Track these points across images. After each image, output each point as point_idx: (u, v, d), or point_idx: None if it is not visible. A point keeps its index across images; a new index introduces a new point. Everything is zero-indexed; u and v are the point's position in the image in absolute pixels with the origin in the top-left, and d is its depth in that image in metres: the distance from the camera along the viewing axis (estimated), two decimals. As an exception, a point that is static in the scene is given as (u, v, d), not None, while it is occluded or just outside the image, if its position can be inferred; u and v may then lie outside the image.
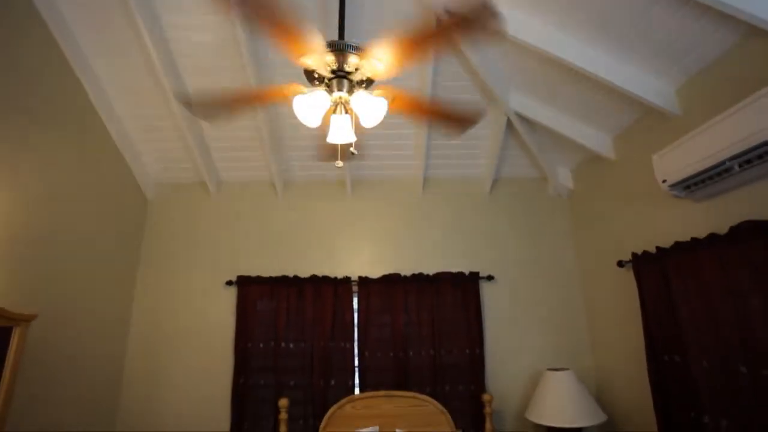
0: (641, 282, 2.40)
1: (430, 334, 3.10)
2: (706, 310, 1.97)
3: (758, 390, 1.71)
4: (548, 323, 3.23)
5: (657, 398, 2.27)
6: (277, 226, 3.41)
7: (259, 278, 3.20)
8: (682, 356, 2.13)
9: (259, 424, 2.96)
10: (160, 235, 3.38)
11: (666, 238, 2.25)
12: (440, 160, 3.36)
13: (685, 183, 1.93)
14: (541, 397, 2.73)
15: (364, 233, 3.40)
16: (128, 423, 3.01)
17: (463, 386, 3.04)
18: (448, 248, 3.36)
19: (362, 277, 3.21)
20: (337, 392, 3.01)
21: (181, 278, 3.28)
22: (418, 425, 2.85)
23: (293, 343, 3.09)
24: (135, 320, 3.20)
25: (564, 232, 3.42)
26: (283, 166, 3.37)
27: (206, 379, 3.09)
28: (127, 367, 3.11)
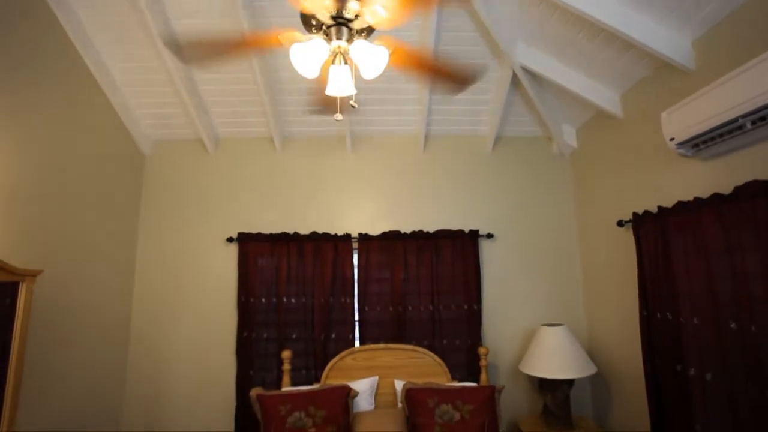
0: (640, 241, 2.41)
1: (428, 290, 3.15)
2: (703, 269, 1.99)
3: (745, 345, 1.77)
4: (545, 281, 3.29)
5: (646, 352, 2.35)
6: (277, 182, 3.38)
7: (260, 235, 3.21)
8: (674, 313, 2.18)
9: (263, 375, 3.08)
10: (159, 193, 3.35)
11: (668, 198, 2.23)
12: (442, 116, 3.28)
13: (694, 141, 1.88)
14: (534, 351, 2.83)
15: (364, 190, 3.38)
16: (138, 375, 3.13)
17: (460, 340, 3.14)
18: (449, 206, 3.36)
19: (362, 234, 3.23)
20: (338, 345, 3.11)
21: (182, 235, 3.30)
22: (416, 376, 2.97)
23: (294, 298, 3.15)
24: (139, 276, 3.25)
25: (565, 191, 3.40)
26: (282, 121, 3.29)
27: (211, 333, 3.18)
28: (134, 320, 3.19)
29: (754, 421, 1.75)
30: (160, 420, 3.08)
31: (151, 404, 3.10)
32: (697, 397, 2.05)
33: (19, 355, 2.07)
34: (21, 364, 2.08)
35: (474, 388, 2.68)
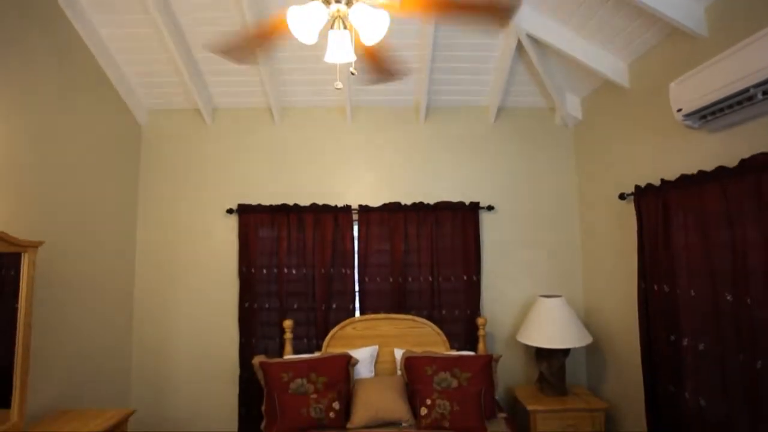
0: (641, 214, 2.41)
1: (428, 261, 3.17)
2: (702, 243, 1.99)
3: (739, 317, 1.79)
4: (545, 253, 3.31)
5: (642, 323, 2.39)
6: (276, 154, 3.34)
7: (260, 206, 3.20)
8: (671, 285, 2.21)
9: (265, 343, 3.15)
10: (157, 164, 3.32)
11: (671, 171, 2.21)
12: (444, 87, 3.20)
13: (702, 112, 1.84)
14: (532, 321, 2.88)
15: (364, 161, 3.35)
16: (144, 345, 3.20)
17: (458, 310, 3.19)
18: (450, 178, 3.33)
19: (362, 206, 3.22)
20: (338, 315, 3.16)
21: (182, 206, 3.29)
22: (415, 345, 3.03)
23: (295, 269, 3.18)
24: (140, 248, 3.26)
25: (567, 164, 3.37)
26: (280, 91, 3.21)
27: (213, 303, 3.22)
28: (137, 292, 3.23)
29: (742, 389, 1.79)
30: (168, 387, 3.18)
31: (158, 372, 3.18)
32: (689, 365, 2.10)
33: (26, 325, 2.10)
34: (28, 335, 2.11)
35: (472, 357, 2.74)
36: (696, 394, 2.05)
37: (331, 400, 2.51)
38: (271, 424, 2.56)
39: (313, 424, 2.45)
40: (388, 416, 2.52)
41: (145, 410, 3.12)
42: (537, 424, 2.67)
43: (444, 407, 2.46)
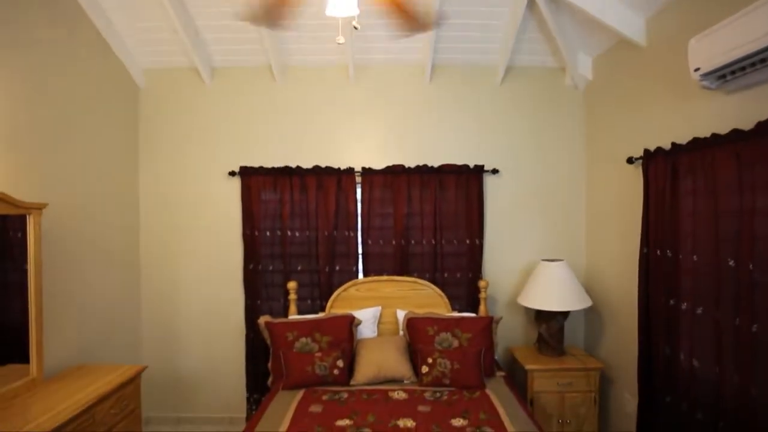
0: (649, 179, 2.37)
1: (431, 224, 3.18)
2: (709, 208, 1.97)
3: (740, 282, 1.80)
4: (548, 217, 3.30)
5: (642, 287, 2.42)
6: (277, 114, 3.27)
7: (262, 168, 3.18)
8: (673, 251, 2.21)
9: (270, 304, 3.22)
10: (156, 125, 3.27)
11: (683, 135, 2.15)
12: (450, 44, 3.07)
13: (721, 71, 1.76)
14: (533, 285, 2.91)
15: (367, 123, 3.28)
16: (152, 306, 3.28)
17: (461, 273, 3.23)
18: (454, 140, 3.27)
19: (365, 168, 3.19)
20: (342, 277, 3.21)
21: (183, 169, 3.27)
22: (418, 306, 3.09)
23: (299, 232, 3.20)
24: (143, 210, 3.27)
25: (575, 126, 3.29)
26: (281, 49, 3.10)
27: (218, 265, 3.27)
28: (143, 254, 3.27)
29: (735, 352, 1.83)
30: (177, 346, 3.29)
31: (167, 332, 3.29)
32: (685, 329, 2.14)
33: (37, 284, 2.15)
34: (39, 294, 2.17)
35: (472, 318, 2.80)
36: (690, 356, 2.10)
37: (335, 359, 2.60)
38: (278, 380, 2.67)
39: (317, 380, 2.55)
40: (390, 374, 2.62)
41: (156, 367, 3.25)
42: (534, 383, 2.76)
43: (444, 366, 2.54)
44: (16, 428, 1.73)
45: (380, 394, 2.45)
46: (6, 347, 2.07)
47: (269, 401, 2.40)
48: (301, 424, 2.11)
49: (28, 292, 2.13)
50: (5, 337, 2.07)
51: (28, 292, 2.13)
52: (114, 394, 2.18)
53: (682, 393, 2.15)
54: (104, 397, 2.10)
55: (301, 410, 2.26)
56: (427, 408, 2.28)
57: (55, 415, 1.85)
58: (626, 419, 2.73)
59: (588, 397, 2.76)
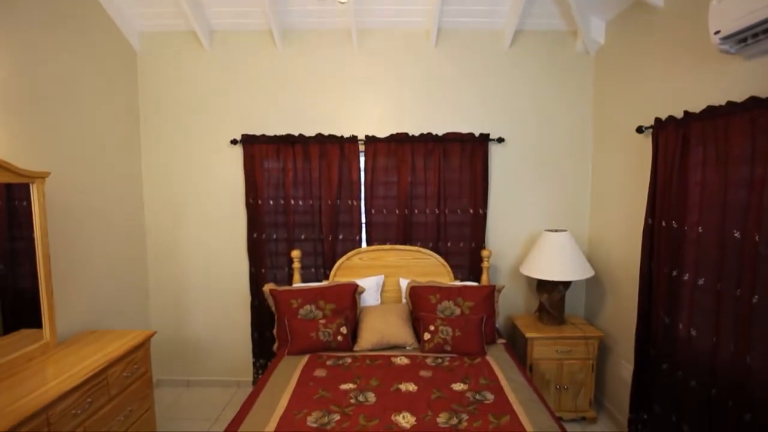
0: (658, 148, 2.32)
1: (435, 193, 3.16)
2: (719, 179, 1.94)
3: (744, 253, 1.79)
4: (553, 187, 3.26)
5: (645, 258, 2.42)
6: (279, 81, 3.19)
7: (264, 137, 3.14)
8: (679, 222, 2.19)
9: (275, 272, 3.26)
10: (156, 93, 3.21)
11: (697, 103, 2.08)
12: (457, 7, 2.94)
13: (743, 34, 1.67)
14: (536, 254, 2.92)
15: (370, 89, 3.20)
16: (159, 274, 3.33)
17: (464, 243, 3.24)
18: (459, 107, 3.19)
19: (369, 136, 3.14)
20: (345, 246, 3.23)
21: (184, 137, 3.23)
22: (420, 275, 3.13)
23: (302, 201, 3.19)
24: (146, 178, 3.26)
25: (585, 94, 3.19)
26: (281, 11, 2.98)
27: (222, 233, 3.29)
28: (148, 222, 3.29)
29: (734, 322, 1.85)
30: (185, 313, 3.36)
31: (174, 299, 3.35)
32: (685, 299, 2.15)
33: (44, 254, 2.18)
34: (47, 261, 2.20)
35: (475, 287, 2.83)
36: (688, 325, 2.13)
37: (339, 325, 2.65)
38: (283, 345, 2.75)
39: (321, 346, 2.61)
40: (393, 340, 2.68)
41: (165, 333, 3.34)
42: (534, 350, 2.82)
43: (446, 333, 2.59)
44: (34, 389, 1.80)
45: (383, 359, 2.52)
46: (18, 314, 2.12)
47: (275, 366, 2.48)
48: (306, 388, 2.18)
49: (36, 260, 2.16)
50: (17, 304, 2.13)
51: (36, 260, 2.16)
52: (125, 358, 2.25)
53: (678, 361, 2.19)
54: (116, 361, 2.17)
55: (306, 374, 2.34)
56: (428, 373, 2.34)
57: (70, 376, 1.93)
58: (622, 385, 2.80)
59: (586, 365, 2.83)
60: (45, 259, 2.19)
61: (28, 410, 1.64)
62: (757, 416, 1.74)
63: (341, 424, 1.86)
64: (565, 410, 2.86)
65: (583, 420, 2.90)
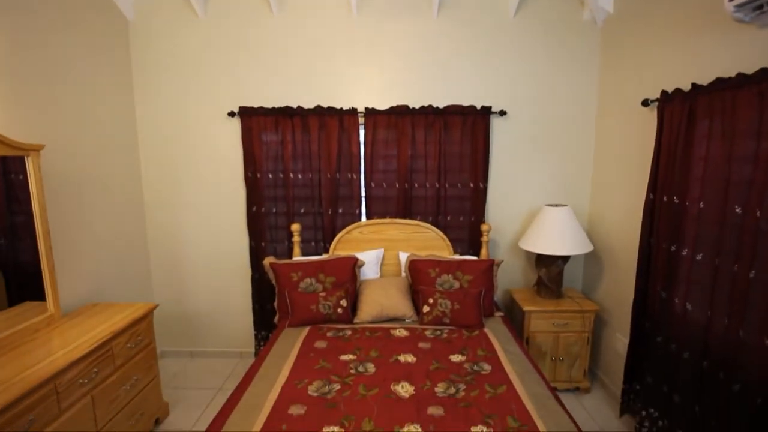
0: (663, 122, 2.28)
1: (435, 167, 3.13)
2: (723, 154, 1.91)
3: (744, 228, 1.79)
4: (555, 162, 3.23)
5: (644, 233, 2.42)
6: (276, 51, 3.10)
7: (262, 109, 3.08)
8: (680, 197, 2.18)
9: (275, 246, 3.28)
10: (150, 64, 3.12)
11: (706, 74, 2.03)
12: (462, -30, 2.83)
13: (759, 0, 1.61)
14: (535, 229, 2.92)
15: (370, 60, 3.11)
16: (159, 248, 3.34)
17: (464, 217, 3.23)
18: (461, 79, 3.12)
19: (369, 109, 3.08)
20: (345, 219, 3.23)
21: (180, 110, 3.17)
22: (420, 249, 3.14)
23: (301, 174, 3.17)
24: (143, 152, 3.22)
25: (590, 66, 3.11)
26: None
27: (222, 207, 3.28)
28: (146, 196, 3.28)
29: (730, 297, 1.87)
30: (186, 287, 3.40)
31: (175, 273, 3.38)
32: (683, 274, 2.17)
33: (44, 227, 2.18)
34: (47, 234, 2.20)
35: (474, 261, 2.85)
36: (684, 299, 2.15)
37: (339, 298, 2.68)
38: (284, 318, 2.79)
39: (322, 318, 2.66)
40: (392, 313, 2.72)
41: (167, 306, 3.40)
42: (531, 323, 2.87)
43: (445, 306, 2.63)
44: (42, 359, 1.84)
45: (382, 331, 2.56)
46: (22, 286, 2.15)
47: (276, 337, 2.53)
48: (307, 359, 2.23)
49: (35, 236, 2.16)
50: (20, 278, 2.14)
51: (36, 233, 2.17)
52: (128, 329, 2.29)
53: (672, 334, 2.23)
54: (120, 332, 2.21)
55: (306, 346, 2.38)
56: (427, 345, 2.39)
57: (76, 347, 1.96)
58: (616, 358, 2.86)
59: (582, 337, 2.88)
60: (44, 232, 2.19)
61: (36, 379, 1.68)
62: (746, 387, 1.79)
63: (341, 393, 1.91)
64: (559, 381, 2.93)
65: (577, 390, 2.98)
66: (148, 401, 2.47)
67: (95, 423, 2.02)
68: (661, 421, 2.28)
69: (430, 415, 1.75)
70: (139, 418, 2.37)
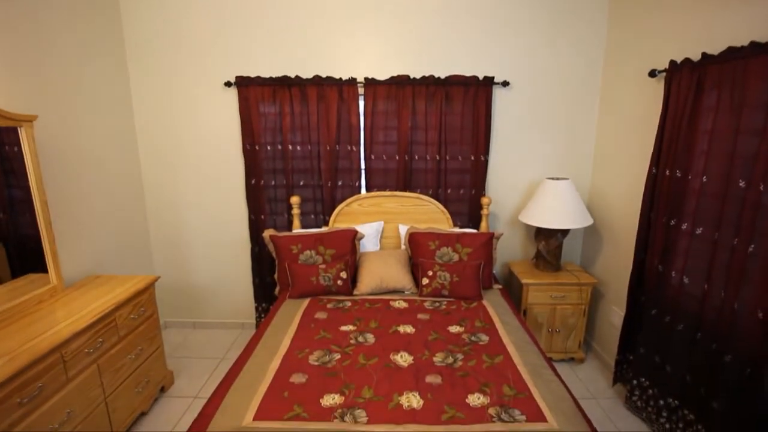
0: (670, 94, 2.23)
1: (436, 139, 3.08)
2: (730, 126, 1.88)
3: (746, 202, 1.78)
4: (557, 135, 3.18)
5: (645, 207, 2.41)
6: (272, 17, 2.99)
7: (259, 78, 3.01)
8: (683, 171, 2.16)
9: (274, 219, 3.27)
10: (143, 32, 3.01)
11: (716, 44, 1.96)
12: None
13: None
14: (536, 202, 2.91)
15: (370, 28, 3.01)
16: (158, 222, 3.33)
17: (464, 190, 3.21)
18: (463, 48, 3.03)
19: (369, 79, 3.01)
20: (344, 192, 3.21)
21: (177, 78, 3.09)
22: (420, 222, 3.14)
23: (300, 146, 3.13)
24: (139, 123, 3.16)
25: (597, 36, 3.01)
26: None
27: (221, 180, 3.25)
28: (144, 168, 3.24)
29: (727, 270, 1.88)
30: (187, 259, 3.41)
31: (175, 245, 3.38)
32: (681, 248, 2.18)
33: (41, 200, 2.17)
34: (46, 208, 2.19)
35: (473, 234, 2.85)
36: (681, 273, 2.17)
37: (339, 270, 2.71)
38: (284, 289, 2.82)
39: (322, 290, 2.69)
40: (392, 285, 2.75)
41: (168, 278, 3.43)
42: (529, 296, 2.90)
43: (444, 278, 2.65)
44: (47, 329, 1.87)
45: (382, 303, 2.60)
46: (24, 259, 2.15)
47: (277, 309, 2.56)
48: (308, 330, 2.27)
49: (34, 208, 2.16)
50: (22, 250, 2.15)
51: (34, 206, 2.16)
52: (131, 300, 2.32)
53: (667, 306, 2.26)
54: (123, 303, 2.24)
55: (307, 317, 2.42)
56: (426, 316, 2.43)
57: (80, 317, 2.00)
58: (611, 329, 2.92)
59: (578, 309, 2.92)
60: (42, 203, 2.18)
61: (43, 348, 1.71)
62: (737, 357, 1.83)
63: (342, 362, 1.96)
64: (555, 351, 3.00)
65: (572, 360, 3.06)
66: (153, 370, 2.53)
67: (103, 390, 2.08)
68: (651, 390, 2.35)
69: (428, 384, 1.79)
70: (145, 386, 2.44)
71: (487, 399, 1.69)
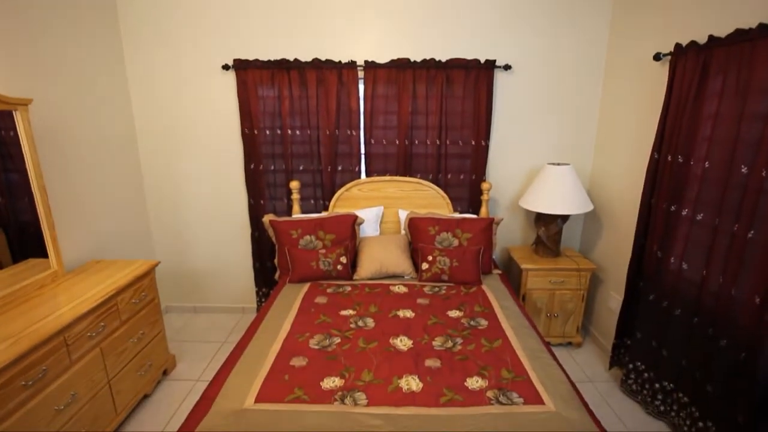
0: (674, 78, 2.19)
1: (437, 123, 3.05)
2: (734, 111, 1.86)
3: (747, 188, 1.78)
4: (559, 120, 3.15)
5: (646, 193, 2.40)
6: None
7: (258, 62, 2.96)
8: (685, 156, 2.14)
9: (274, 204, 3.26)
10: (139, 14, 2.95)
11: (724, 26, 1.93)
12: None
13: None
14: (536, 188, 2.90)
15: (369, 10, 2.95)
16: (158, 208, 3.32)
17: (464, 175, 3.20)
18: (465, 32, 2.97)
19: (368, 62, 2.97)
20: (344, 177, 3.20)
21: (174, 61, 3.04)
22: (420, 207, 3.14)
23: (299, 130, 3.10)
24: (136, 107, 3.12)
25: (602, 17, 2.95)
26: None
27: (220, 165, 3.23)
28: (142, 152, 3.21)
29: (726, 256, 1.89)
30: (187, 244, 3.41)
31: (175, 231, 3.38)
32: (681, 234, 2.18)
33: (39, 184, 2.16)
34: (44, 193, 2.18)
35: (473, 219, 2.85)
36: (680, 259, 2.17)
37: (339, 255, 2.71)
38: (284, 274, 2.83)
39: (322, 275, 2.70)
40: (391, 269, 2.76)
41: (169, 264, 3.44)
42: (528, 281, 2.92)
43: (444, 263, 2.66)
44: (50, 313, 1.88)
45: (382, 287, 2.61)
46: (24, 243, 2.16)
47: (277, 293, 2.58)
48: (308, 314, 2.29)
49: (32, 192, 2.15)
50: (22, 235, 2.15)
51: (32, 190, 2.15)
52: (132, 285, 2.33)
53: (665, 292, 2.27)
54: (124, 288, 2.25)
55: (307, 301, 2.44)
56: (425, 301, 2.44)
57: (82, 302, 2.01)
58: (609, 314, 2.94)
59: (577, 294, 2.94)
60: (41, 187, 2.17)
61: (46, 332, 1.73)
62: (733, 342, 1.85)
63: (341, 346, 1.98)
64: (553, 336, 3.03)
65: (569, 345, 3.09)
66: (155, 353, 2.56)
67: (106, 373, 2.11)
68: (647, 374, 2.38)
69: (427, 367, 1.82)
70: (148, 369, 2.47)
71: (486, 382, 1.71)
